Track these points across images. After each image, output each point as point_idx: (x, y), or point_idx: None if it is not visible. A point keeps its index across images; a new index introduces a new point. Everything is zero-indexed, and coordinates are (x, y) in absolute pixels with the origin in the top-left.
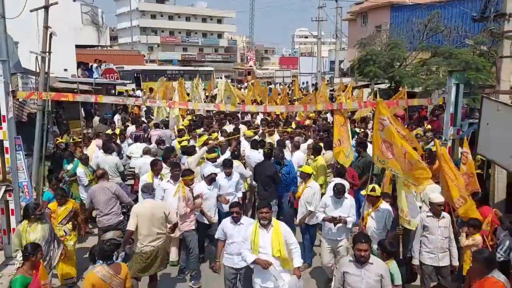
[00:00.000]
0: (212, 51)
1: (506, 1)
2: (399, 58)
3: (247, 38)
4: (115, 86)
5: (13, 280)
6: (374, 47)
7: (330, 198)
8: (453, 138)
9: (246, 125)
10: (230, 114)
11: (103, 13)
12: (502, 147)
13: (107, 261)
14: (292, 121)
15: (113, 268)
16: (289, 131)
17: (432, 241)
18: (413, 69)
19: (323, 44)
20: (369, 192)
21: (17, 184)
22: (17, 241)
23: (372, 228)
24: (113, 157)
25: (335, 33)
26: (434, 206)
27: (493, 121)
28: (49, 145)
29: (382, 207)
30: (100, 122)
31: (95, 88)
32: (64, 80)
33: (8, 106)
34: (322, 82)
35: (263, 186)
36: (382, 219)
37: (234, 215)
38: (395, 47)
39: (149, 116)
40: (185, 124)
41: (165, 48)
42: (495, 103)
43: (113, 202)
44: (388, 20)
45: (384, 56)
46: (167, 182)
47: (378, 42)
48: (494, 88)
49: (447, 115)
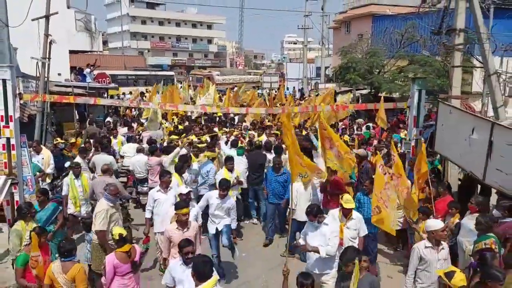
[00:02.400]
0: (202, 57)
1: (456, 18)
2: (378, 66)
3: (236, 43)
4: (107, 90)
5: (17, 258)
6: (354, 55)
7: (307, 224)
8: (416, 138)
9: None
10: (219, 120)
11: (96, 20)
12: (453, 146)
13: (62, 258)
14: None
15: (63, 265)
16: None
17: (430, 277)
18: (391, 76)
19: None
20: (345, 203)
21: (21, 178)
22: (17, 242)
23: (347, 238)
24: (108, 156)
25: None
26: (437, 233)
27: (446, 123)
28: (48, 145)
29: (354, 216)
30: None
31: (89, 92)
32: (60, 84)
33: (15, 107)
34: (313, 91)
35: (253, 172)
36: (356, 226)
37: (186, 258)
38: (374, 55)
39: (139, 119)
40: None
41: (155, 53)
42: (448, 107)
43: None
44: (369, 29)
45: (364, 64)
46: (157, 192)
47: (359, 50)
48: (447, 93)
49: (410, 118)
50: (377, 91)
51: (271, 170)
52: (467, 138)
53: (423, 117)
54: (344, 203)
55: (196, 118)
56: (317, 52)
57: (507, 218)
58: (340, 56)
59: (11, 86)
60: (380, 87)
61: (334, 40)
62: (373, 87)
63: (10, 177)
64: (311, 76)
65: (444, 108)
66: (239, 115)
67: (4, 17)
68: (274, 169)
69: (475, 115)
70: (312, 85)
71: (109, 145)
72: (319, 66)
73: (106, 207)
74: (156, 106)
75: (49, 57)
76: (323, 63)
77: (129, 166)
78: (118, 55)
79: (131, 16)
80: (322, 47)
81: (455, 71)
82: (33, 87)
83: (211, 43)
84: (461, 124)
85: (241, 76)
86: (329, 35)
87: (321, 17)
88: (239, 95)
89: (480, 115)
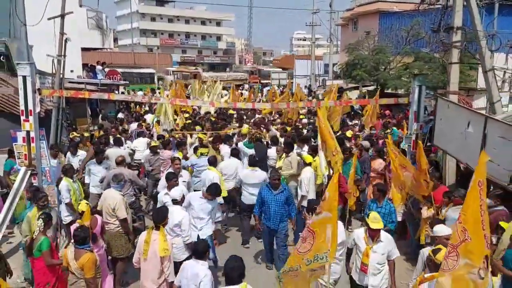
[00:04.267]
0: (211, 53)
1: (454, 16)
2: (384, 62)
3: (245, 40)
4: (119, 87)
5: (39, 243)
6: (361, 52)
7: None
8: (417, 132)
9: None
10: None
11: (107, 18)
12: (451, 139)
13: (75, 245)
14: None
15: (76, 252)
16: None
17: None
18: (397, 73)
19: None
20: (372, 222)
21: (40, 169)
22: (27, 228)
23: (374, 263)
24: (122, 150)
25: (329, 37)
26: (440, 239)
27: (444, 117)
28: (63, 139)
29: (383, 238)
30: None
31: (100, 88)
32: (73, 81)
33: (35, 102)
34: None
35: (258, 158)
36: (385, 250)
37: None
38: (380, 52)
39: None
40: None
41: (164, 50)
42: (446, 102)
43: (128, 185)
44: (376, 26)
45: (370, 60)
46: (165, 195)
47: (365, 47)
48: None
49: (411, 113)
50: (383, 87)
51: (267, 189)
52: (463, 131)
53: (429, 112)
54: (370, 223)
55: (205, 115)
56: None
57: (498, 206)
58: (346, 53)
59: (31, 82)
60: (386, 84)
61: (342, 37)
62: (379, 84)
63: (30, 168)
64: (319, 73)
65: (442, 103)
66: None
67: (22, 16)
68: (271, 186)
69: (470, 109)
70: (320, 82)
71: (121, 139)
72: (327, 63)
73: (120, 196)
74: (166, 101)
75: (65, 55)
76: (331, 60)
77: (141, 159)
78: (128, 52)
79: (141, 13)
80: (330, 44)
81: (453, 67)
82: (49, 83)
83: (220, 40)
84: (457, 118)
85: (228, 73)
86: (337, 32)
87: (329, 14)
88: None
89: (475, 110)
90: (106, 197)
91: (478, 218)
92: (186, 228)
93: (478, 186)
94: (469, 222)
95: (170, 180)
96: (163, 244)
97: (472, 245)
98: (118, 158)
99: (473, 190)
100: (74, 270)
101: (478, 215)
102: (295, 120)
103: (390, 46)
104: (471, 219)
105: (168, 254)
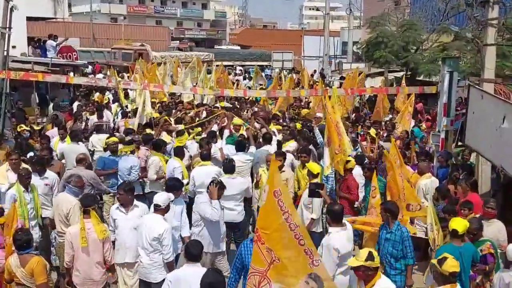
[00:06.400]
0: (194, 26)
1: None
2: (415, 42)
3: (239, 9)
4: (75, 68)
5: None
6: (387, 27)
7: None
8: (447, 129)
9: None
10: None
11: None
12: (484, 137)
13: (19, 251)
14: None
15: (21, 259)
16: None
17: None
18: (431, 55)
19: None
20: (364, 262)
21: None
22: None
23: None
24: (81, 147)
25: (348, 8)
26: None
27: (478, 110)
28: (6, 131)
29: (382, 284)
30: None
31: (51, 69)
32: (17, 59)
33: None
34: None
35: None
36: None
37: None
38: (411, 28)
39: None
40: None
41: (133, 20)
42: (479, 92)
43: (88, 190)
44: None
45: (398, 39)
46: (116, 209)
47: (393, 21)
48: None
49: (440, 105)
50: (413, 73)
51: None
52: (497, 127)
53: (457, 104)
54: (363, 262)
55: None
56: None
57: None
58: (367, 30)
59: None
60: (417, 69)
61: (365, 8)
62: (408, 69)
63: None
64: (335, 54)
65: (475, 93)
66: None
67: None
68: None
69: (506, 101)
70: (335, 65)
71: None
72: (346, 40)
73: (74, 202)
74: (138, 86)
75: (10, 27)
76: (350, 37)
77: None
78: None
79: None
80: (349, 16)
81: (488, 50)
82: None
83: (206, 9)
84: (492, 112)
85: (187, 53)
86: (360, 1)
87: None
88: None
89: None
90: (59, 202)
91: (286, 233)
92: (168, 244)
93: (275, 197)
94: (273, 240)
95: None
96: (99, 227)
97: (282, 267)
98: (78, 155)
99: (270, 201)
100: (22, 278)
101: (286, 229)
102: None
103: (424, 20)
104: (276, 236)
105: (108, 235)
